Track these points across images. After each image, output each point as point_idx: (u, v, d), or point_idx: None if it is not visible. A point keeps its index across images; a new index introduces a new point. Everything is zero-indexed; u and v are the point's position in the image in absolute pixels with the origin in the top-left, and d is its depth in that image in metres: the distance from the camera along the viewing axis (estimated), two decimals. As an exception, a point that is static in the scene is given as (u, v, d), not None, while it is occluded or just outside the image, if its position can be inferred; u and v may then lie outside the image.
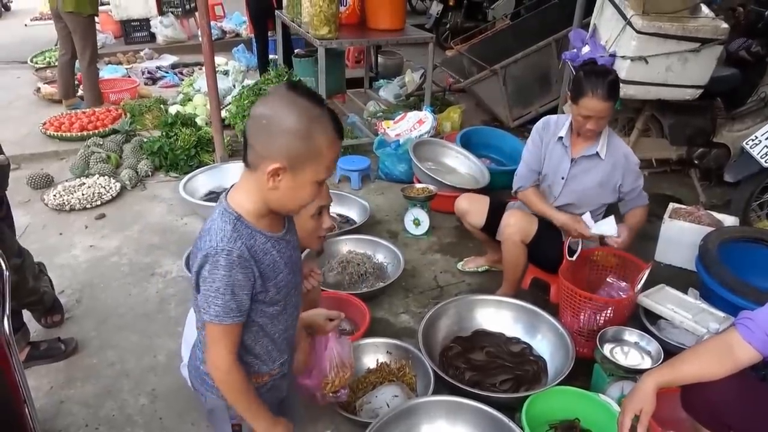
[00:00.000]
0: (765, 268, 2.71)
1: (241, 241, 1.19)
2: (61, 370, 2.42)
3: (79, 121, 4.83)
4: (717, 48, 3.21)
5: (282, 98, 1.16)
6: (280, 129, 1.14)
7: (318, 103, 1.17)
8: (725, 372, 1.53)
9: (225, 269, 1.18)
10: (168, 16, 7.68)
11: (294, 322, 1.44)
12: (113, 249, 3.32)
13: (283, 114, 1.13)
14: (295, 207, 1.25)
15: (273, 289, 1.27)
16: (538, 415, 2.05)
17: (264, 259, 1.24)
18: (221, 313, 1.20)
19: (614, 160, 2.51)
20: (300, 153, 1.15)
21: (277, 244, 1.27)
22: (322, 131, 1.16)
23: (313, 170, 1.18)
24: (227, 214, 1.21)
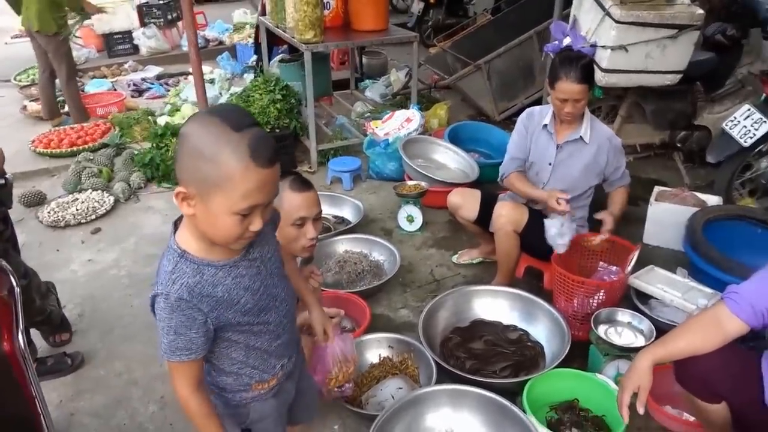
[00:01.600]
0: (749, 244, 2.80)
1: (180, 281, 1.16)
2: (69, 383, 2.46)
3: (68, 137, 4.84)
4: (694, 33, 3.29)
5: (198, 121, 1.11)
6: (187, 152, 1.09)
7: (235, 127, 1.06)
8: (716, 344, 1.61)
9: (165, 312, 1.17)
10: (150, 28, 7.68)
11: (287, 329, 1.41)
12: (111, 262, 3.35)
13: (193, 136, 1.08)
14: (221, 238, 1.15)
15: (238, 314, 1.24)
16: (539, 397, 2.12)
17: (215, 291, 1.20)
18: (167, 350, 1.20)
19: (598, 143, 2.60)
20: (205, 179, 1.07)
21: (232, 270, 1.22)
22: (233, 156, 1.05)
23: (224, 199, 1.08)
24: (171, 252, 1.20)
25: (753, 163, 3.38)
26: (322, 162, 4.34)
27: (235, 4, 10.60)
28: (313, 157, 4.35)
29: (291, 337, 1.45)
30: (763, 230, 2.86)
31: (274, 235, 1.39)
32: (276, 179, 1.13)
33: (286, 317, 1.39)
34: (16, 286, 1.54)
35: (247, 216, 1.12)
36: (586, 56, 2.55)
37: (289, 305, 1.41)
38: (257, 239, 1.24)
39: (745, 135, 3.11)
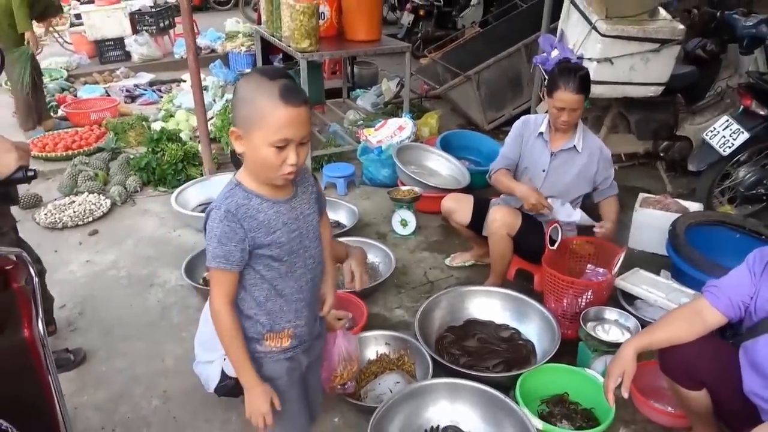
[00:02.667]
0: (728, 248, 2.93)
1: (231, 200, 1.41)
2: (71, 379, 2.50)
3: (63, 141, 4.88)
4: (675, 48, 3.45)
5: (245, 77, 1.41)
6: (236, 99, 1.37)
7: (269, 77, 1.33)
8: (695, 334, 1.72)
9: (215, 221, 1.40)
10: (142, 35, 7.74)
11: (308, 288, 1.57)
12: (110, 263, 3.40)
13: (240, 87, 1.37)
14: (263, 169, 1.39)
15: (273, 245, 1.45)
16: (530, 391, 2.22)
17: (257, 215, 1.42)
18: (210, 258, 1.42)
19: (590, 152, 2.73)
20: (245, 117, 1.34)
21: (275, 206, 1.45)
22: (265, 96, 1.31)
23: (261, 133, 1.32)
24: (229, 183, 1.46)
25: (732, 172, 3.54)
26: (316, 168, 4.43)
27: (227, 13, 10.72)
28: (307, 163, 4.43)
29: (310, 300, 1.60)
30: (741, 235, 3.00)
31: (315, 203, 1.58)
32: (305, 120, 1.35)
33: (311, 272, 1.56)
34: (35, 275, 1.60)
35: (282, 149, 1.34)
36: (584, 68, 2.67)
37: (316, 263, 1.58)
38: (299, 194, 1.51)
39: (724, 145, 3.26)
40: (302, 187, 1.55)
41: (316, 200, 1.59)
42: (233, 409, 2.28)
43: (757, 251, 1.74)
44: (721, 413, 1.86)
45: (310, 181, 1.60)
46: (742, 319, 1.74)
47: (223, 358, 2.14)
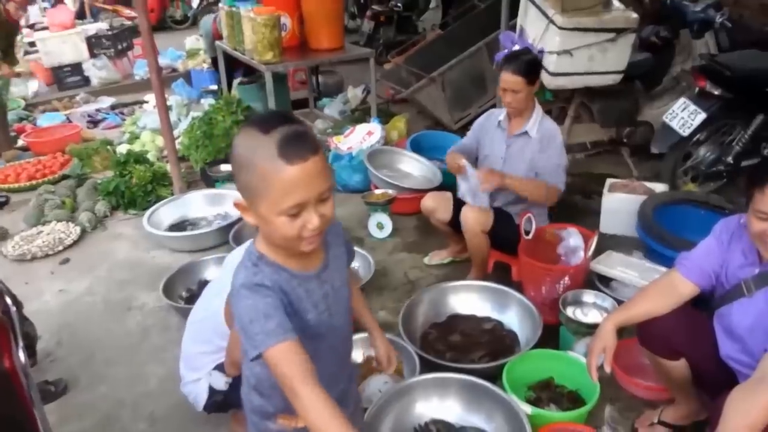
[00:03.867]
0: (695, 224, 2.99)
1: (261, 274, 1.18)
2: (54, 410, 2.43)
3: (26, 171, 4.78)
4: (631, 36, 3.55)
5: (239, 132, 1.13)
6: (233, 164, 1.12)
7: (264, 129, 1.06)
8: (671, 306, 1.78)
9: (249, 299, 1.15)
10: (100, 58, 7.63)
11: (335, 364, 1.36)
12: (84, 290, 3.33)
13: (235, 147, 1.11)
14: (282, 241, 1.15)
15: (298, 328, 1.18)
16: (517, 379, 2.24)
17: (288, 294, 1.20)
18: (263, 338, 1.12)
19: (541, 138, 2.79)
20: (246, 186, 1.10)
21: (305, 282, 1.22)
22: (263, 157, 1.05)
23: (267, 202, 1.08)
24: (249, 255, 1.22)
25: (692, 151, 3.65)
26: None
27: (186, 31, 10.63)
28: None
29: (335, 374, 1.37)
30: (705, 211, 3.10)
31: (347, 266, 1.38)
32: (318, 171, 1.08)
33: (336, 353, 1.35)
34: (11, 304, 1.57)
35: (297, 215, 1.09)
36: (531, 54, 2.78)
37: (343, 340, 1.38)
38: (330, 263, 1.27)
39: (684, 125, 3.36)
40: (334, 250, 1.31)
41: (346, 263, 1.38)
42: (222, 425, 2.26)
43: (722, 221, 1.81)
44: (700, 381, 1.91)
45: (340, 241, 1.35)
46: (714, 289, 1.80)
47: (209, 373, 2.13)
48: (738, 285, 1.72)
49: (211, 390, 2.13)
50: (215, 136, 4.41)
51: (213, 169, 4.20)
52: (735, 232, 1.75)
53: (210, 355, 2.13)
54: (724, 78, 3.29)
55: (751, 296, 1.69)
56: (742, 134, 3.47)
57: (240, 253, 2.14)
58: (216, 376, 2.11)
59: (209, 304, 2.15)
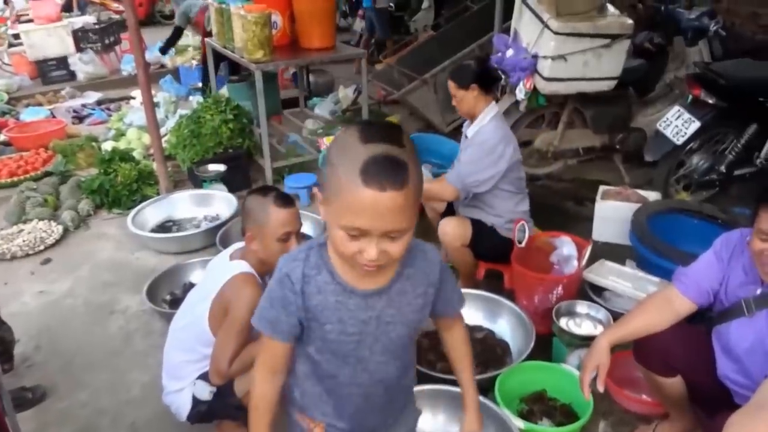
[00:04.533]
0: (688, 234, 3.00)
1: (299, 266, 1.16)
2: (30, 418, 2.36)
3: (7, 167, 4.66)
4: (625, 42, 3.53)
5: (345, 130, 1.07)
6: (327, 155, 1.10)
7: (365, 140, 1.00)
8: (667, 323, 1.74)
9: (275, 281, 1.20)
10: (87, 53, 7.48)
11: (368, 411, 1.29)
12: (65, 291, 3.24)
13: (334, 141, 1.10)
14: (338, 253, 1.11)
15: (316, 334, 1.18)
16: (509, 391, 2.20)
17: (315, 296, 1.15)
18: (257, 316, 1.23)
19: (473, 140, 2.76)
20: (328, 183, 1.05)
21: (344, 293, 1.15)
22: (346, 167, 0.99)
23: (334, 208, 1.03)
24: (313, 240, 1.22)
25: (685, 160, 3.64)
26: (278, 179, 4.35)
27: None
28: (268, 175, 4.35)
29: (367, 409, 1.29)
30: (698, 221, 3.08)
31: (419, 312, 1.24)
32: (393, 207, 0.98)
33: (361, 388, 1.25)
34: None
35: (356, 238, 1.02)
36: (470, 63, 2.79)
37: (373, 381, 1.25)
38: (395, 295, 1.17)
39: (678, 134, 3.35)
40: (410, 282, 1.19)
41: (422, 307, 1.24)
42: (206, 435, 2.19)
43: (723, 236, 1.77)
44: (696, 398, 1.88)
45: (430, 279, 1.23)
46: (712, 305, 1.77)
47: (193, 383, 2.06)
48: (738, 303, 1.69)
49: (195, 400, 2.06)
50: (203, 135, 4.33)
51: (200, 169, 4.11)
52: (736, 247, 1.72)
53: (194, 364, 2.07)
54: (718, 87, 3.28)
55: (752, 316, 1.65)
56: (735, 143, 3.47)
57: (225, 259, 2.10)
58: (200, 386, 2.04)
59: (193, 310, 2.09)
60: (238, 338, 1.92)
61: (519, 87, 3.70)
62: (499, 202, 2.77)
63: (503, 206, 2.78)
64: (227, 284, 1.97)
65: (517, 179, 2.78)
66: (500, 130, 2.69)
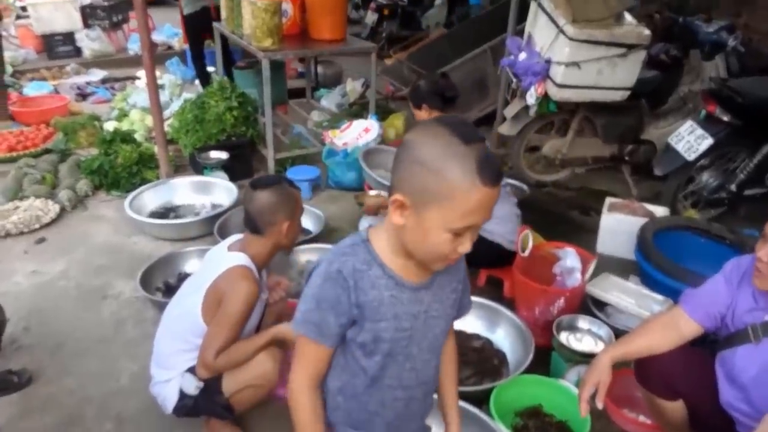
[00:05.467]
0: (695, 253, 2.96)
1: (350, 260, 1.11)
2: (14, 402, 2.31)
3: (6, 141, 4.60)
4: (642, 52, 3.46)
5: (426, 129, 1.03)
6: (410, 159, 1.01)
7: (464, 139, 0.98)
8: (671, 345, 1.69)
9: (320, 277, 1.12)
10: (94, 29, 7.42)
11: (394, 407, 1.24)
12: (59, 273, 3.19)
13: (420, 144, 1.01)
14: (426, 254, 1.08)
15: (368, 333, 1.13)
16: (505, 404, 2.15)
17: (369, 291, 1.11)
18: (300, 319, 1.14)
19: None
20: (425, 190, 1.00)
21: (396, 287, 1.12)
22: (459, 170, 0.97)
23: (441, 214, 1.00)
24: (358, 236, 1.16)
25: (695, 176, 3.58)
26: (279, 171, 4.29)
27: (185, 8, 10.37)
28: (270, 166, 4.29)
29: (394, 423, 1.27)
30: (706, 240, 3.03)
31: (452, 307, 1.25)
32: (496, 200, 1.02)
33: (404, 390, 1.23)
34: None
35: (459, 236, 1.03)
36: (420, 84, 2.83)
37: (416, 383, 1.24)
38: (436, 288, 1.18)
39: (689, 150, 3.29)
40: (446, 277, 1.20)
41: (455, 302, 1.25)
42: (194, 430, 2.14)
43: (734, 261, 1.72)
44: (697, 425, 1.84)
45: (460, 275, 1.25)
46: (718, 330, 1.72)
47: (181, 375, 2.01)
48: (744, 329, 1.64)
49: (182, 393, 2.02)
50: (207, 121, 4.26)
51: (202, 156, 4.05)
52: (746, 272, 1.66)
53: (185, 354, 2.03)
54: (735, 104, 3.22)
55: (758, 344, 1.60)
56: (747, 162, 3.41)
57: (223, 251, 2.05)
58: (188, 379, 2.00)
59: (186, 300, 2.05)
60: (228, 332, 1.90)
61: (530, 92, 3.65)
62: None
63: None
64: (223, 275, 1.94)
65: None
66: None
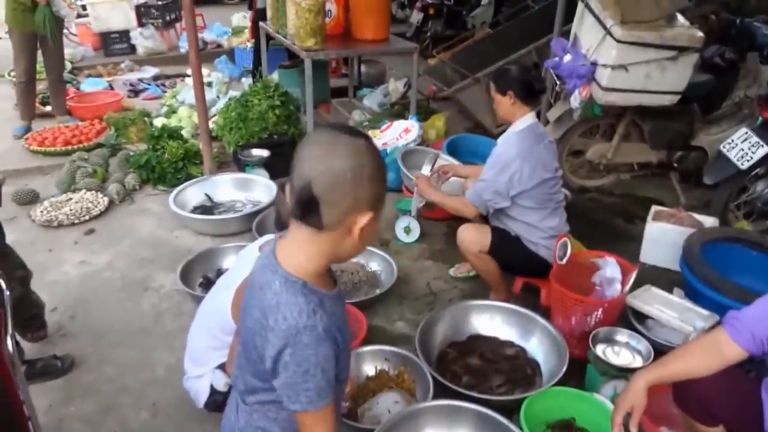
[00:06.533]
0: (745, 267, 2.81)
1: (319, 312, 1.11)
2: (59, 388, 2.42)
3: (63, 135, 4.79)
4: (693, 55, 3.32)
5: (367, 151, 1.10)
6: (363, 177, 1.08)
7: (365, 136, 1.13)
8: (713, 369, 1.61)
9: (312, 347, 1.08)
10: (148, 28, 7.66)
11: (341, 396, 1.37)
12: (104, 264, 3.31)
13: (369, 164, 1.09)
14: (356, 252, 1.19)
15: (340, 355, 1.18)
16: (535, 415, 2.11)
17: (331, 315, 1.15)
18: (315, 398, 1.10)
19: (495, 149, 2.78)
20: (380, 193, 1.13)
21: (335, 301, 1.20)
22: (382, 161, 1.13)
23: (381, 211, 1.16)
24: (291, 284, 1.12)
25: (749, 185, 3.41)
26: (320, 170, 4.32)
27: (234, 7, 10.62)
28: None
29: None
30: (758, 253, 2.88)
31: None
32: None
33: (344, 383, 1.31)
34: (6, 289, 1.50)
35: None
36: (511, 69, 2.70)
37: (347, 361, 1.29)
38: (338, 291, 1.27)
39: (743, 158, 3.13)
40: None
41: None
42: (224, 425, 2.18)
43: (784, 281, 1.63)
44: (738, 449, 1.75)
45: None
46: (765, 354, 1.63)
47: (212, 371, 2.06)
48: (794, 355, 1.55)
49: (212, 389, 2.07)
50: (249, 119, 4.34)
51: (244, 153, 4.13)
52: (799, 293, 1.57)
53: (215, 351, 2.07)
54: (793, 111, 3.05)
55: (808, 370, 1.51)
56: (805, 173, 3.23)
57: (255, 250, 2.08)
58: (218, 376, 2.05)
59: (218, 297, 2.08)
60: None
61: (574, 95, 3.55)
62: (519, 214, 2.66)
63: (526, 218, 2.65)
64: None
65: (541, 194, 2.61)
66: (521, 145, 2.57)
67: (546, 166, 2.60)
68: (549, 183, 2.63)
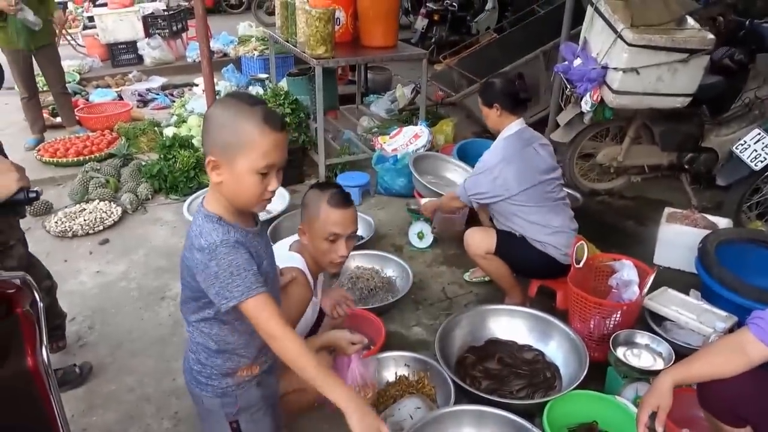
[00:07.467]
0: (761, 267, 2.81)
1: (232, 231, 1.36)
2: (80, 398, 2.43)
3: (74, 146, 4.83)
4: (704, 58, 3.32)
5: (219, 103, 1.36)
6: (213, 126, 1.32)
7: (249, 103, 1.31)
8: (738, 369, 1.61)
9: (228, 255, 1.32)
10: (155, 38, 7.72)
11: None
12: (120, 274, 3.33)
13: (217, 114, 1.32)
14: (246, 199, 1.35)
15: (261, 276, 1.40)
16: (557, 419, 2.11)
17: (251, 247, 1.39)
18: (246, 289, 1.32)
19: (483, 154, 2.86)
20: (230, 145, 1.29)
21: (255, 237, 1.44)
22: (250, 123, 1.28)
23: (246, 160, 1.29)
24: (210, 217, 1.37)
25: (762, 186, 3.41)
26: (330, 177, 4.35)
27: (240, 16, 10.69)
28: (321, 172, 4.35)
29: None
30: (773, 253, 2.88)
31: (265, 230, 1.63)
32: (285, 144, 1.35)
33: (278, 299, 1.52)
34: (39, 300, 1.52)
35: (265, 176, 1.32)
36: (494, 82, 2.75)
37: (277, 291, 1.58)
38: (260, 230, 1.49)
39: (756, 159, 3.14)
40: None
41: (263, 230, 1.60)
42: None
43: (807, 280, 1.63)
44: (765, 450, 1.75)
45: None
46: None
47: None
48: (820, 353, 1.55)
49: None
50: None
51: (256, 161, 4.14)
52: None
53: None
54: (806, 111, 3.05)
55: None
56: (819, 173, 3.22)
57: (284, 248, 2.08)
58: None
59: None
60: None
61: (585, 98, 3.57)
62: (519, 213, 2.69)
63: (526, 217, 2.67)
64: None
65: (536, 194, 2.64)
66: (505, 151, 2.67)
67: (539, 167, 2.66)
68: (545, 183, 2.67)
